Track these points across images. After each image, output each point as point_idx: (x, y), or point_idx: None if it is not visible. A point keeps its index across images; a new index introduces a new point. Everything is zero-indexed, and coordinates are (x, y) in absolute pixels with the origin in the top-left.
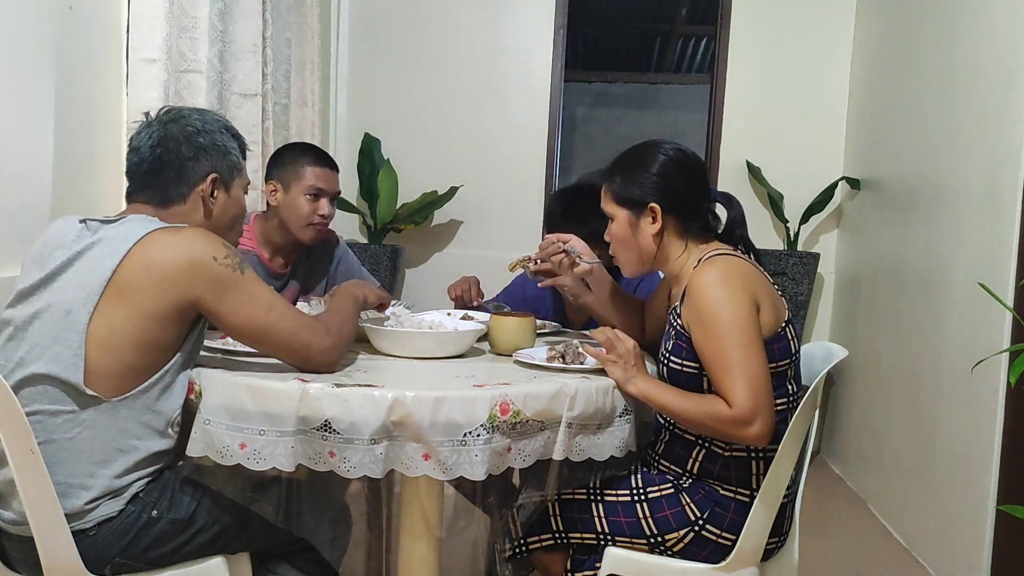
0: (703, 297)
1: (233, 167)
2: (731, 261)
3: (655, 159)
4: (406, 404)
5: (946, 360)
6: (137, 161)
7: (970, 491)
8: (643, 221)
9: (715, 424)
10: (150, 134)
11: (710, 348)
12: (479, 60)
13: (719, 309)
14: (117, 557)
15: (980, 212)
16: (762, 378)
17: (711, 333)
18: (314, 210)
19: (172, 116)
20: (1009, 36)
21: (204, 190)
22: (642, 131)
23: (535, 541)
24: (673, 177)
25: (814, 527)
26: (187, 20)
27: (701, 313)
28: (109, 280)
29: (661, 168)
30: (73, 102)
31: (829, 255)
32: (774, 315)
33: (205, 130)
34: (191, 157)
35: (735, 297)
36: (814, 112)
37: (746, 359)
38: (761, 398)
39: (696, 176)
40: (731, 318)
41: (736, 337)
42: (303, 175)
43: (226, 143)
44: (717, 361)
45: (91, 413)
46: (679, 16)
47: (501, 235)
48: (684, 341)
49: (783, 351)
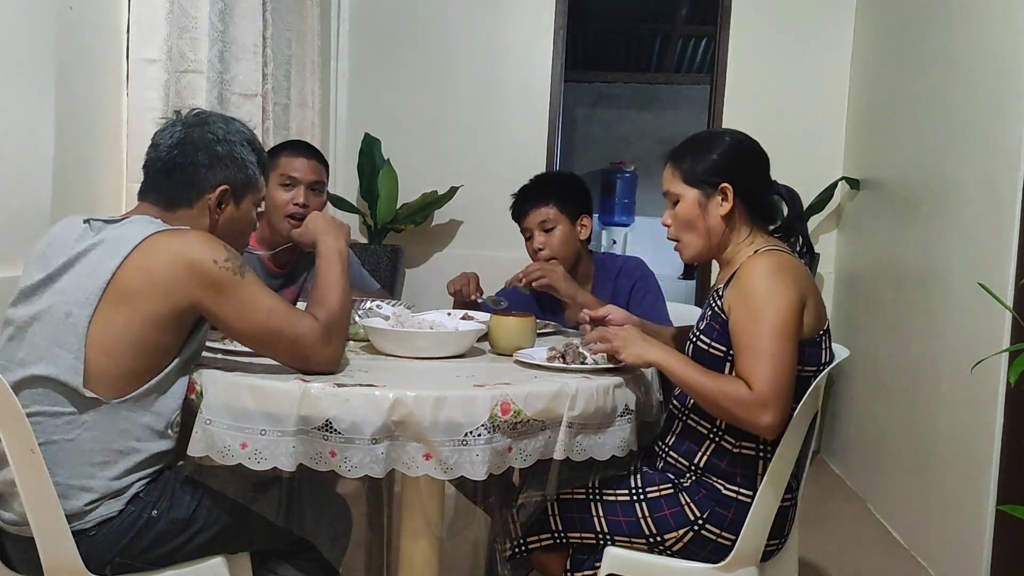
0: (753, 282)
1: (247, 181)
2: (787, 258)
3: (727, 142)
4: (407, 404)
5: (946, 360)
6: (154, 157)
7: (970, 491)
8: (712, 202)
9: (729, 403)
10: (172, 133)
11: (746, 332)
12: (479, 60)
13: (766, 297)
14: (117, 557)
15: (980, 212)
16: (788, 372)
17: (752, 318)
18: (289, 199)
19: (197, 120)
20: (1008, 36)
21: (212, 199)
22: (642, 131)
23: (534, 541)
24: (744, 161)
25: (814, 527)
26: (187, 20)
27: (747, 296)
28: (108, 283)
29: (734, 151)
30: (73, 102)
31: (829, 255)
32: (816, 319)
33: (226, 140)
34: (205, 164)
35: (784, 291)
36: (814, 112)
37: (780, 351)
38: (782, 388)
39: (764, 164)
40: (776, 309)
41: (775, 327)
42: (276, 165)
43: (245, 156)
44: (750, 345)
45: (91, 415)
46: (679, 16)
47: (501, 235)
48: (718, 323)
49: (813, 356)
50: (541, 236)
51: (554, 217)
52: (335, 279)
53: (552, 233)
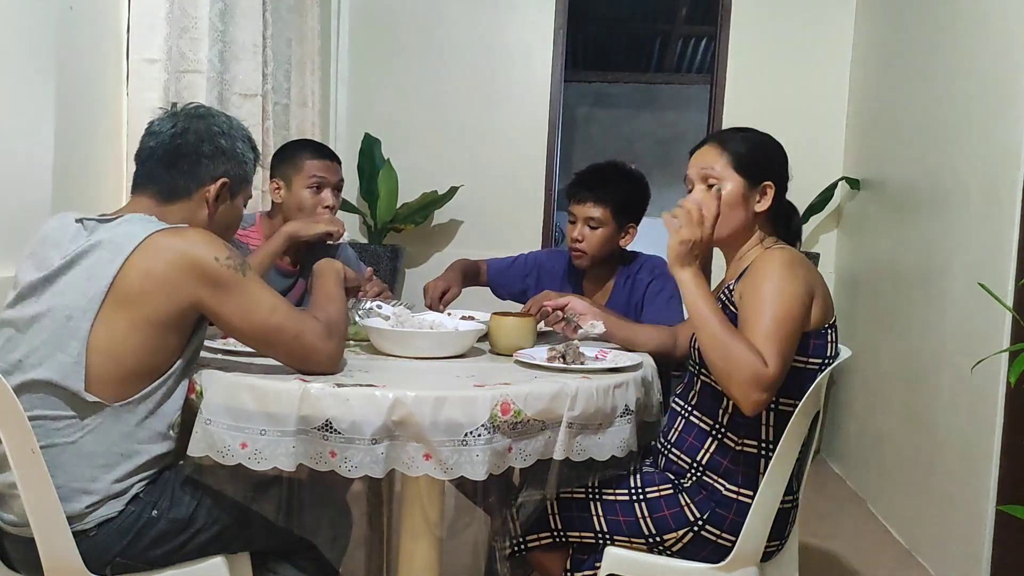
0: (767, 272)
1: (244, 178)
2: (798, 253)
3: (775, 145)
4: (407, 404)
5: (946, 360)
6: (154, 145)
7: (970, 491)
8: (754, 196)
9: (738, 365)
10: (174, 122)
11: (755, 316)
12: (479, 60)
13: (778, 285)
14: (118, 557)
15: (980, 212)
16: (789, 359)
17: (763, 303)
18: (318, 202)
19: (200, 112)
20: (1008, 36)
21: (211, 192)
22: (642, 131)
23: (534, 540)
24: (784, 168)
25: (814, 527)
26: (187, 20)
27: (759, 284)
28: (110, 287)
29: (780, 156)
30: (73, 102)
31: (829, 255)
32: (823, 312)
33: (229, 134)
34: (209, 155)
35: (796, 281)
36: (814, 112)
37: (786, 336)
38: (783, 375)
39: (788, 175)
40: (786, 297)
41: (784, 314)
42: (303, 168)
43: (244, 152)
44: (757, 327)
45: (93, 418)
46: (679, 16)
47: (501, 235)
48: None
49: (819, 349)
50: (584, 230)
51: (604, 219)
52: (332, 290)
53: (596, 232)
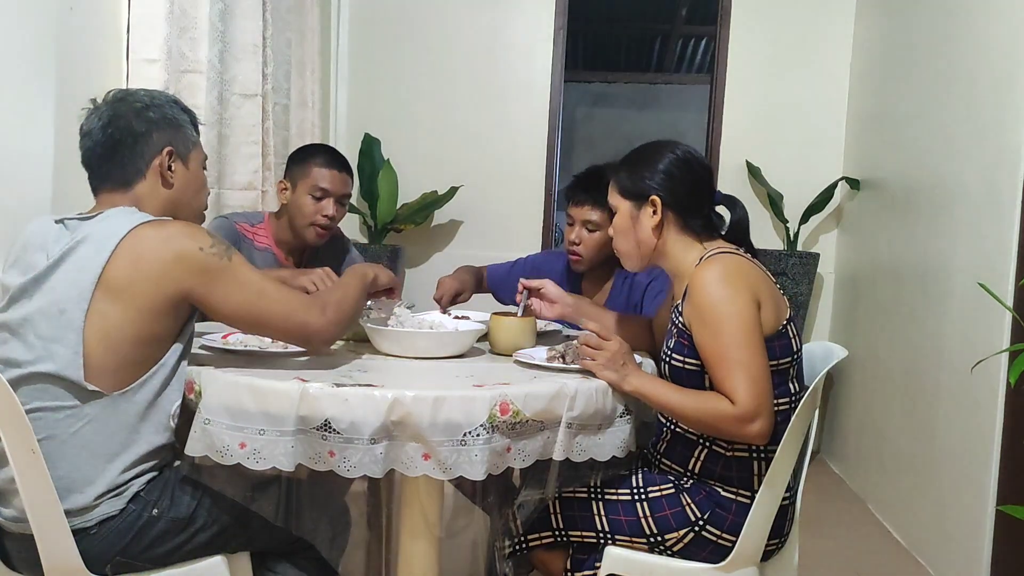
0: (705, 295)
1: (188, 140)
2: (732, 259)
3: (662, 156)
4: (406, 404)
5: (946, 360)
6: (91, 145)
7: (970, 491)
8: (643, 213)
9: (716, 422)
10: (99, 115)
11: (712, 346)
12: (479, 60)
13: (721, 307)
14: (118, 556)
15: (980, 212)
16: (764, 377)
17: (713, 331)
18: (317, 210)
19: (119, 96)
20: (1008, 36)
21: (161, 163)
22: (642, 131)
23: (535, 538)
24: (676, 174)
25: (814, 527)
26: (187, 20)
27: (703, 311)
28: (99, 277)
29: (666, 164)
30: (73, 102)
31: (829, 255)
32: (775, 313)
33: (154, 104)
34: (143, 132)
35: (737, 296)
36: (814, 112)
37: (749, 358)
38: (763, 397)
39: (700, 176)
40: (733, 317)
41: (738, 336)
42: (309, 174)
43: (177, 116)
44: (719, 359)
45: (92, 408)
46: (679, 16)
47: (501, 235)
48: (686, 339)
49: (784, 349)
50: (582, 232)
51: (602, 222)
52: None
53: (594, 235)
